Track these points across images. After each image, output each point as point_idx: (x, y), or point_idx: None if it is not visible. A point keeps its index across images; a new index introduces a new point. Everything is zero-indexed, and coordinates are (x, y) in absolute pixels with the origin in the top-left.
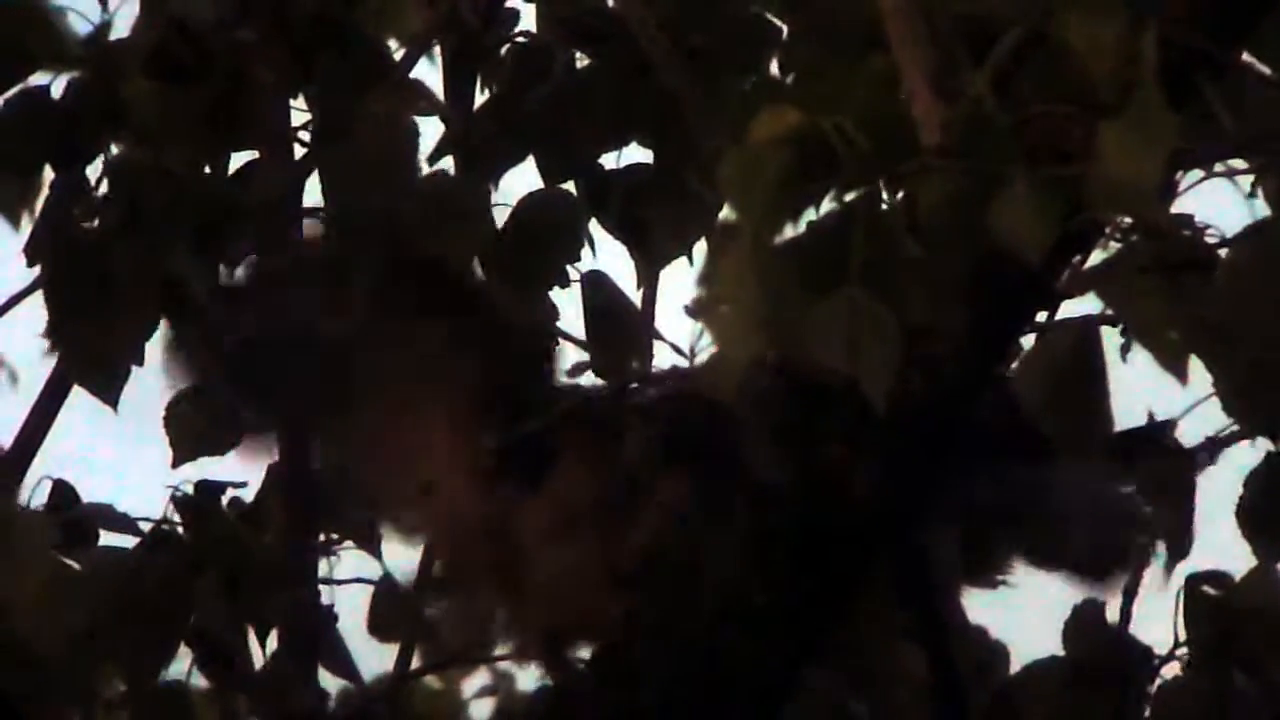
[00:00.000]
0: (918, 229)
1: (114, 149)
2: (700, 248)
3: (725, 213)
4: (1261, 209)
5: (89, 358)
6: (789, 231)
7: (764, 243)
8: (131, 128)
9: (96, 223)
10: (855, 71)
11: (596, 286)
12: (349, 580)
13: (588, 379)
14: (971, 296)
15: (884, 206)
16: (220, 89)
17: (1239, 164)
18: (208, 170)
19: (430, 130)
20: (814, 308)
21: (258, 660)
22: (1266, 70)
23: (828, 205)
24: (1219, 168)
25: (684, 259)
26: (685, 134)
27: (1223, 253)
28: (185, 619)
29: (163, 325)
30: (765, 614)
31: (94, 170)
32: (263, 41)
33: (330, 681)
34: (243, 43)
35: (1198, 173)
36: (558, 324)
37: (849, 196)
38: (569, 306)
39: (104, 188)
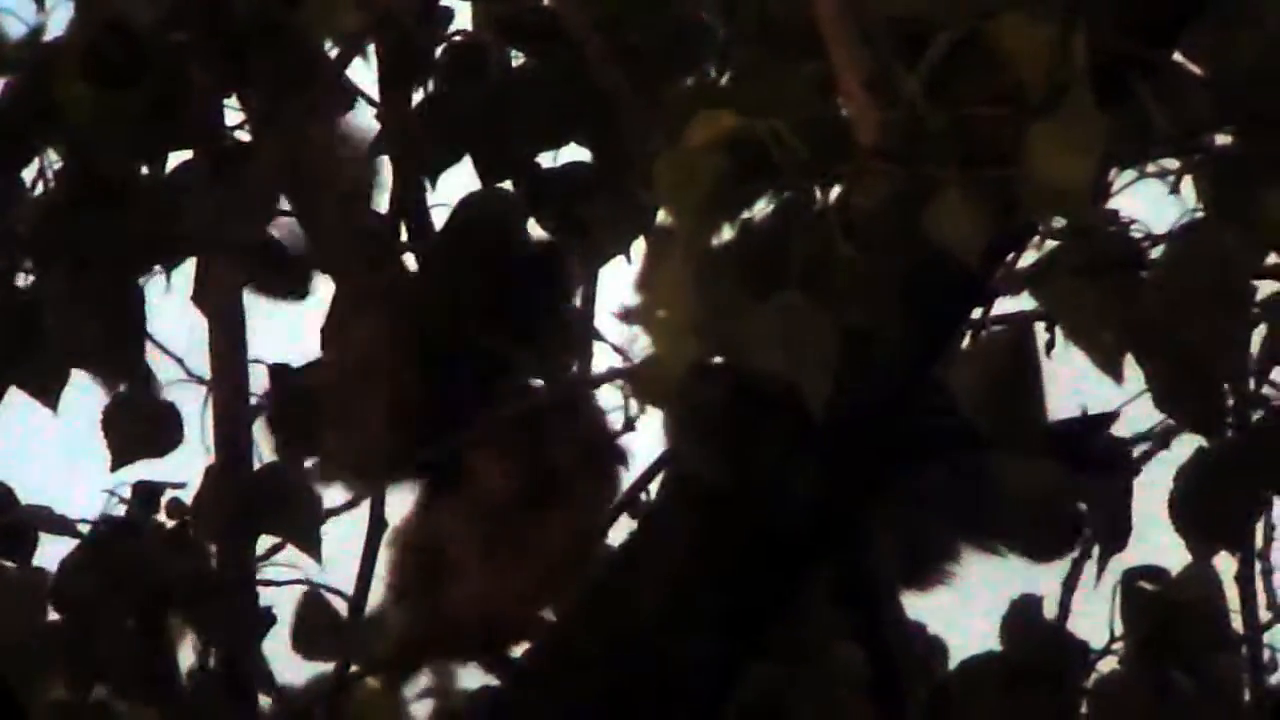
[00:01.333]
0: (853, 231)
1: (49, 152)
2: (638, 248)
3: (661, 216)
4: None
5: (28, 360)
6: (725, 234)
7: (699, 246)
8: (66, 130)
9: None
10: (791, 74)
11: None
12: (289, 582)
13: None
14: (908, 297)
15: (819, 209)
16: (156, 90)
17: (1172, 163)
18: (144, 172)
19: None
20: (751, 312)
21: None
22: (1197, 70)
23: (762, 208)
24: (1151, 167)
25: (622, 258)
26: (622, 134)
27: (1154, 250)
28: (109, 633)
29: None
30: (709, 613)
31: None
32: (199, 43)
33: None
34: (179, 44)
35: (1133, 172)
36: None
37: (784, 199)
38: None
39: (39, 190)
